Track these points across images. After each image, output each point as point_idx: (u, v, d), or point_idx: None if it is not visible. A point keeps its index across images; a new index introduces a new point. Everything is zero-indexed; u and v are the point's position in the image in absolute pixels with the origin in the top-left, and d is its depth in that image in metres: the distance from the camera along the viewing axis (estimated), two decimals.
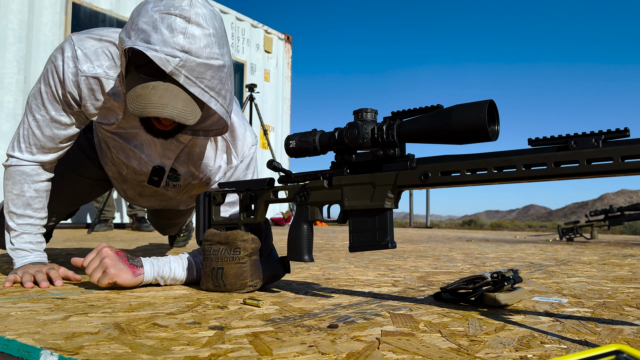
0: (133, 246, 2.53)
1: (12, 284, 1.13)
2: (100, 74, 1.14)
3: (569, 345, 0.68)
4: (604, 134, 0.72)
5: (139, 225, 4.61)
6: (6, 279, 1.14)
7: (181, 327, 0.75)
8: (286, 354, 0.62)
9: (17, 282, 1.14)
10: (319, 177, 1.02)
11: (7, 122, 4.72)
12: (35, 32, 4.94)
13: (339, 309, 0.93)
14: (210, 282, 1.10)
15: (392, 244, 0.93)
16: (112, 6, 5.56)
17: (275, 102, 7.35)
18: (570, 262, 2.01)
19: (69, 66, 1.13)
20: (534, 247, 3.06)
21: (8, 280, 1.13)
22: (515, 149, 0.81)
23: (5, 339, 0.65)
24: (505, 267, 1.80)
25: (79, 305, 0.90)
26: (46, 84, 1.17)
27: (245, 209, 1.14)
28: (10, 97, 4.74)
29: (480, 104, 0.80)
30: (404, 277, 1.45)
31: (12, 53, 4.77)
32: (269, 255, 1.17)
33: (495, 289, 0.96)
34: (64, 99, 1.16)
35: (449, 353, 0.63)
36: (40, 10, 4.98)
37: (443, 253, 2.49)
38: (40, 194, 1.25)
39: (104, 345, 0.63)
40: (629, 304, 1.04)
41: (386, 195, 0.92)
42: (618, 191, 60.75)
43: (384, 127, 0.91)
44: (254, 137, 1.29)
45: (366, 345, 0.66)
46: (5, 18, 4.74)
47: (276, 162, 1.03)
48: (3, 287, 1.10)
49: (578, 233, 4.01)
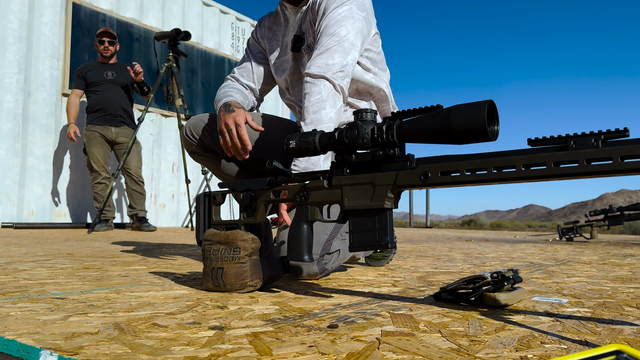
0: (133, 246, 2.53)
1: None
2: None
3: (569, 345, 0.68)
4: (603, 134, 0.72)
5: (140, 225, 4.61)
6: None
7: (181, 327, 0.75)
8: (286, 354, 0.62)
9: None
10: (319, 177, 1.02)
11: (7, 122, 4.71)
12: (35, 32, 4.94)
13: (339, 309, 0.93)
14: (210, 282, 1.10)
15: (392, 243, 0.93)
16: (112, 6, 5.56)
17: (275, 102, 7.35)
18: (570, 262, 2.01)
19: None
20: (534, 247, 3.06)
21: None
22: (515, 149, 0.81)
23: (5, 339, 0.65)
24: (505, 267, 1.80)
25: (78, 305, 0.90)
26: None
27: (245, 209, 1.14)
28: (10, 97, 4.74)
29: (480, 104, 0.80)
30: (404, 277, 1.45)
31: (12, 53, 4.77)
32: (269, 255, 1.17)
33: (495, 289, 0.96)
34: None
35: (449, 353, 0.63)
36: (40, 10, 4.98)
37: (443, 253, 2.49)
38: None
39: (104, 345, 0.64)
40: (629, 304, 1.04)
41: (386, 195, 0.92)
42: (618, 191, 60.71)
43: (383, 127, 0.91)
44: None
45: (366, 345, 0.66)
46: (5, 18, 4.74)
47: (276, 162, 1.03)
48: (3, 286, 1.10)
49: (578, 233, 4.01)
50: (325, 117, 1.37)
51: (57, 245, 2.53)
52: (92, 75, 4.52)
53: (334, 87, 1.41)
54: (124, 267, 1.55)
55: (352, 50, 1.47)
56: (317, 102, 1.38)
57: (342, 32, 1.46)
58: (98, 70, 4.55)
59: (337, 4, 1.50)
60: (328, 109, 1.38)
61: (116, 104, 4.57)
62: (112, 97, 4.56)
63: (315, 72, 1.41)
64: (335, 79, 1.41)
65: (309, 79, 1.42)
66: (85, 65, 4.62)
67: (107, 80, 4.55)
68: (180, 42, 4.64)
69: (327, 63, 1.42)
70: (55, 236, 3.40)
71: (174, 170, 6.06)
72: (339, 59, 1.43)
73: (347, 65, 1.45)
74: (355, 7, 1.51)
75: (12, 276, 1.29)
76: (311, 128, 1.33)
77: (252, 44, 1.79)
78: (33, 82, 4.89)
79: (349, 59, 1.45)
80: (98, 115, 4.52)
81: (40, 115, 4.91)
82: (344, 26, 1.47)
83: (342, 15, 1.49)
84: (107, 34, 4.55)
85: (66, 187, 5.12)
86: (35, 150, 4.88)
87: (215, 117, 1.68)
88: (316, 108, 1.37)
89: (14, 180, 4.73)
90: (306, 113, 1.38)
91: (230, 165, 1.73)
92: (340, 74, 1.42)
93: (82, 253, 2.06)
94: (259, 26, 1.78)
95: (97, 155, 4.47)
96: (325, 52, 1.44)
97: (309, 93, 1.40)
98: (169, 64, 4.47)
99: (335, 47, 1.45)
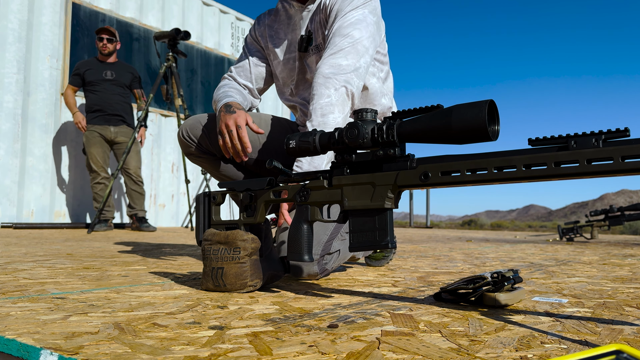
0: (133, 246, 2.53)
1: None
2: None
3: (569, 345, 0.68)
4: (604, 134, 0.72)
5: (139, 225, 4.61)
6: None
7: (181, 327, 0.75)
8: (286, 353, 0.61)
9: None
10: (319, 177, 1.02)
11: (7, 122, 4.71)
12: (35, 31, 4.94)
13: (339, 308, 0.92)
14: (210, 282, 1.09)
15: (392, 243, 0.93)
16: (112, 6, 5.56)
17: (275, 102, 7.35)
18: (570, 262, 2.01)
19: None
20: (534, 247, 3.06)
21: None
22: (515, 149, 0.81)
23: (5, 338, 0.64)
24: (505, 267, 1.80)
25: (78, 305, 0.90)
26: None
27: (245, 209, 1.13)
28: (10, 97, 4.74)
29: (480, 103, 0.80)
30: (404, 277, 1.45)
31: (12, 53, 4.77)
32: (269, 255, 1.17)
33: (496, 289, 0.96)
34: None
35: (449, 353, 0.63)
36: (40, 10, 4.98)
37: (443, 253, 2.49)
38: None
39: (104, 345, 0.63)
40: (629, 304, 1.04)
41: (386, 195, 0.92)
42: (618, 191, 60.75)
43: (384, 127, 0.91)
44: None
45: (366, 345, 0.66)
46: (5, 18, 4.74)
47: (276, 162, 1.03)
48: (3, 286, 1.10)
49: (578, 233, 4.01)
50: (332, 122, 1.35)
51: (56, 245, 2.53)
52: (91, 74, 4.51)
53: (345, 91, 1.39)
54: (124, 267, 1.55)
55: (365, 54, 1.45)
56: (326, 105, 1.36)
57: (356, 35, 1.45)
58: (97, 69, 4.54)
59: (352, 6, 1.49)
60: (336, 113, 1.36)
61: (115, 104, 4.56)
62: (110, 97, 4.55)
63: (327, 72, 1.39)
64: (347, 83, 1.39)
65: (320, 80, 1.39)
66: (84, 62, 4.60)
67: (106, 79, 4.53)
68: (180, 42, 4.64)
69: (340, 64, 1.40)
70: (55, 236, 3.39)
71: (173, 171, 6.06)
72: (352, 61, 1.42)
73: (359, 68, 1.43)
74: (368, 11, 1.51)
75: (12, 275, 1.29)
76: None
77: (250, 42, 1.77)
78: (32, 82, 4.89)
79: (362, 62, 1.44)
80: (97, 115, 4.51)
81: (39, 115, 4.91)
82: (359, 29, 1.46)
83: (356, 18, 1.48)
84: (105, 31, 4.53)
85: (66, 187, 5.11)
86: (35, 150, 4.88)
87: (212, 117, 1.67)
88: (324, 111, 1.36)
89: (13, 181, 4.73)
90: (314, 115, 1.36)
91: (228, 166, 1.72)
92: (353, 77, 1.40)
93: (82, 253, 2.06)
94: (257, 24, 1.75)
95: (96, 155, 4.47)
96: (338, 53, 1.42)
97: (317, 95, 1.38)
98: (168, 64, 4.47)
99: (349, 49, 1.43)
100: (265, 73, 1.75)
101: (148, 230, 4.55)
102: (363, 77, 1.45)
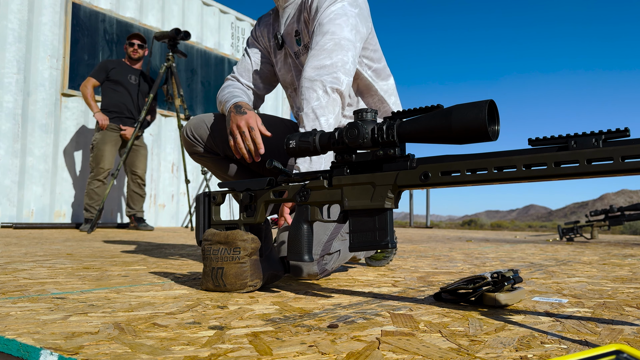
0: (133, 246, 2.53)
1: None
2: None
3: (569, 345, 0.68)
4: (604, 134, 0.72)
5: (137, 225, 4.62)
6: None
7: (181, 327, 0.75)
8: (286, 353, 0.61)
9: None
10: (319, 177, 1.02)
11: (7, 122, 4.71)
12: (35, 31, 4.93)
13: (339, 309, 0.92)
14: (210, 282, 1.09)
15: (392, 243, 0.93)
16: (112, 6, 5.56)
17: (275, 101, 7.35)
18: (570, 262, 2.01)
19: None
20: (534, 247, 3.06)
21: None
22: (515, 149, 0.81)
23: (5, 338, 0.64)
24: (505, 267, 1.80)
25: (78, 305, 0.90)
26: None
27: (245, 209, 1.13)
28: (10, 97, 4.74)
29: (480, 103, 0.80)
30: (404, 277, 1.45)
31: (12, 53, 4.77)
32: (269, 255, 1.17)
33: (496, 289, 0.96)
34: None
35: (449, 353, 0.63)
36: (40, 10, 4.98)
37: (443, 253, 2.49)
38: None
39: (104, 345, 0.63)
40: (629, 304, 1.04)
41: (386, 195, 0.92)
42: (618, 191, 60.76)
43: (384, 127, 0.91)
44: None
45: (366, 345, 0.66)
46: (5, 18, 4.74)
47: (276, 162, 1.03)
48: (3, 285, 1.10)
49: (578, 233, 4.01)
50: (324, 124, 1.35)
51: (56, 245, 2.53)
52: (116, 73, 4.58)
53: (332, 91, 1.37)
54: (123, 267, 1.55)
55: (350, 48, 1.42)
56: (317, 108, 1.35)
57: (337, 31, 1.42)
58: (124, 70, 4.62)
59: (329, 2, 1.46)
60: (327, 115, 1.36)
61: (133, 109, 4.65)
62: (130, 101, 4.63)
63: (312, 75, 1.38)
64: (334, 82, 1.38)
65: (306, 84, 1.38)
66: (112, 61, 4.69)
67: (131, 83, 4.62)
68: (180, 42, 4.65)
69: (323, 64, 1.38)
70: (54, 236, 3.39)
71: (173, 171, 6.06)
72: (337, 58, 1.39)
73: (346, 63, 1.41)
74: (347, 4, 1.47)
75: (12, 275, 1.29)
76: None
77: (251, 42, 1.77)
78: (32, 82, 4.89)
79: (349, 56, 1.41)
80: (114, 115, 4.56)
81: (39, 115, 4.91)
82: (339, 24, 1.43)
83: (335, 13, 1.44)
84: (137, 37, 4.66)
85: (66, 187, 5.11)
86: (35, 150, 4.88)
87: (217, 117, 1.66)
88: (315, 115, 1.35)
89: (13, 181, 4.73)
90: (306, 120, 1.36)
91: (231, 165, 1.73)
92: (339, 75, 1.39)
93: (81, 253, 2.06)
94: (258, 24, 1.75)
95: (107, 153, 4.47)
96: (321, 53, 1.40)
97: (306, 99, 1.37)
98: (168, 64, 4.48)
99: (331, 46, 1.40)
100: (268, 73, 1.75)
101: (146, 229, 4.56)
102: (351, 72, 1.43)
